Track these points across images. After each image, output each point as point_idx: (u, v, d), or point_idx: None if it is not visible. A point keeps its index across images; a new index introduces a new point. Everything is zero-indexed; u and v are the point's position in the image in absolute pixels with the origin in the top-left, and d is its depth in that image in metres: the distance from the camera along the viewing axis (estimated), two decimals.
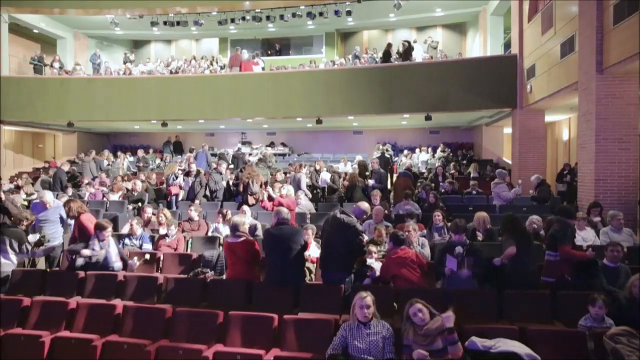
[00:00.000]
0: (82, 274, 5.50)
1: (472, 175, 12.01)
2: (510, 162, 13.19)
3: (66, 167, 11.74)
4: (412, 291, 4.53)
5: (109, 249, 5.46)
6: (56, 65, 15.69)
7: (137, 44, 20.66)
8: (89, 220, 5.75)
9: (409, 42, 13.83)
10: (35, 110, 14.53)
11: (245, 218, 5.42)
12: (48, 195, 6.94)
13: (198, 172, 10.04)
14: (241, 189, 8.78)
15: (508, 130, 14.08)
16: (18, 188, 11.14)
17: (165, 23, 16.01)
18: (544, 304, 4.43)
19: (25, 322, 4.60)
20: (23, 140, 18.00)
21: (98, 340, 4.13)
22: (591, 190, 8.00)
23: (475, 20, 16.83)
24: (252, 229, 6.55)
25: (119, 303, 4.71)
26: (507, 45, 13.85)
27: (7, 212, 6.85)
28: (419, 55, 14.71)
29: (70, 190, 10.35)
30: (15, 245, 5.66)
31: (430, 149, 15.77)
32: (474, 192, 9.92)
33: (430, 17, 17.53)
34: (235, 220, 5.08)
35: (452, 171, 12.55)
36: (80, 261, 5.37)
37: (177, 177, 10.35)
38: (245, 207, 7.57)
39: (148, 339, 4.11)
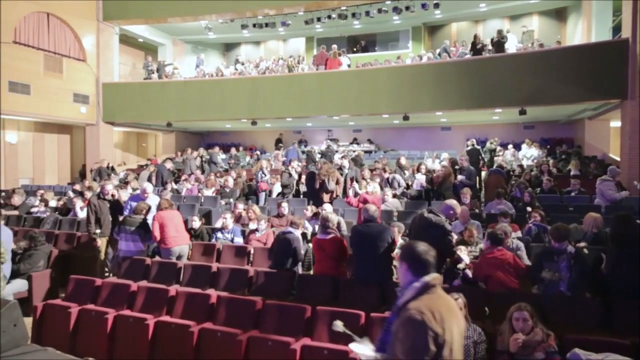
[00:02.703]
0: (179, 264, 5.91)
1: (572, 173, 11.10)
2: (618, 159, 11.99)
3: (168, 165, 12.65)
4: (506, 295, 4.29)
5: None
6: (169, 69, 16.94)
7: (229, 47, 21.72)
8: (158, 217, 6.22)
9: (501, 33, 13.12)
10: (139, 112, 15.88)
11: (334, 215, 5.46)
12: (149, 186, 7.51)
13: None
14: (317, 186, 8.82)
15: (616, 123, 12.81)
16: (126, 183, 12.20)
17: (254, 25, 16.72)
18: None
19: (132, 305, 5.03)
20: (129, 139, 19.78)
21: (195, 327, 4.38)
22: None
23: (577, 4, 15.49)
24: (337, 226, 6.57)
25: (213, 293, 4.98)
26: (617, 30, 12.56)
27: (120, 206, 7.48)
28: (512, 45, 13.88)
29: (169, 186, 11.12)
30: (142, 232, 6.28)
31: (535, 145, 14.52)
32: (575, 191, 9.14)
33: (524, 5, 16.43)
34: (325, 217, 5.14)
35: (551, 168, 11.69)
36: None
37: (265, 174, 10.71)
38: (326, 205, 7.59)
39: (239, 328, 4.28)
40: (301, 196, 10.36)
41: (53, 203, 10.34)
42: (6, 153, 14.37)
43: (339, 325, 2.51)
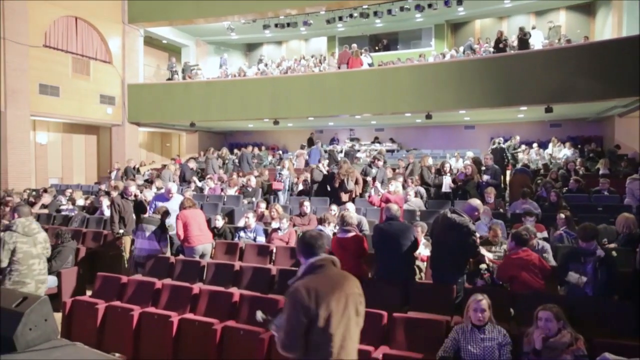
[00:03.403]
0: (203, 262, 5.98)
1: (601, 172, 10.80)
2: None
3: (191, 164, 12.84)
4: (532, 296, 4.21)
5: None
6: (197, 71, 17.19)
7: (251, 47, 21.88)
8: (182, 216, 6.29)
9: (523, 30, 12.88)
10: (163, 113, 16.15)
11: (354, 214, 5.45)
12: (173, 186, 7.62)
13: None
14: (337, 184, 8.79)
15: None
16: (150, 183, 12.41)
17: (276, 25, 16.81)
18: None
19: (157, 302, 5.11)
20: (154, 140, 20.14)
21: (218, 325, 4.42)
22: None
23: None
24: (358, 225, 6.56)
25: (235, 291, 5.02)
26: None
27: (143, 206, 7.61)
28: (537, 41, 13.59)
29: (192, 185, 11.27)
30: (159, 232, 6.33)
31: (567, 145, 14.06)
32: (605, 191, 8.87)
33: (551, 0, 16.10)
34: (344, 215, 5.14)
35: (579, 167, 11.40)
36: None
37: (282, 174, 10.73)
38: (349, 204, 7.55)
39: (262, 327, 4.30)
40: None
41: (81, 202, 10.60)
42: (37, 153, 14.80)
43: (259, 316, 2.74)
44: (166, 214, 6.59)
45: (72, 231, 7.65)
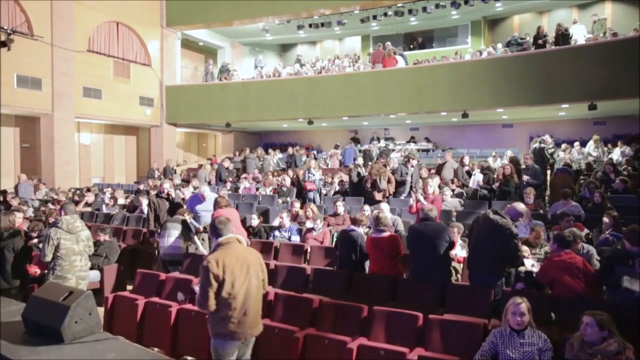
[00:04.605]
0: None
1: None
2: None
3: (226, 164, 13.05)
4: (574, 301, 4.06)
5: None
6: (235, 74, 17.46)
7: (285, 48, 22.02)
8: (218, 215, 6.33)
9: (561, 26, 12.43)
10: (200, 114, 16.50)
11: (388, 213, 5.40)
12: (206, 189, 7.74)
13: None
14: (369, 185, 8.71)
15: None
16: (187, 182, 12.69)
17: (310, 25, 16.86)
18: None
19: (194, 300, 5.20)
20: (190, 140, 20.60)
21: None
22: None
23: None
24: (393, 225, 6.49)
25: (270, 290, 5.04)
26: None
27: (179, 206, 7.75)
28: (580, 36, 13.08)
29: (228, 185, 11.45)
30: (184, 231, 6.40)
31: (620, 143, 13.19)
32: None
33: None
34: (378, 215, 5.10)
35: (624, 166, 10.89)
36: None
37: (313, 174, 10.74)
38: (383, 205, 7.43)
39: (296, 325, 4.32)
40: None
41: (121, 201, 10.94)
42: (81, 154, 15.40)
43: (180, 296, 3.75)
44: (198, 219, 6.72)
45: (114, 229, 7.89)
